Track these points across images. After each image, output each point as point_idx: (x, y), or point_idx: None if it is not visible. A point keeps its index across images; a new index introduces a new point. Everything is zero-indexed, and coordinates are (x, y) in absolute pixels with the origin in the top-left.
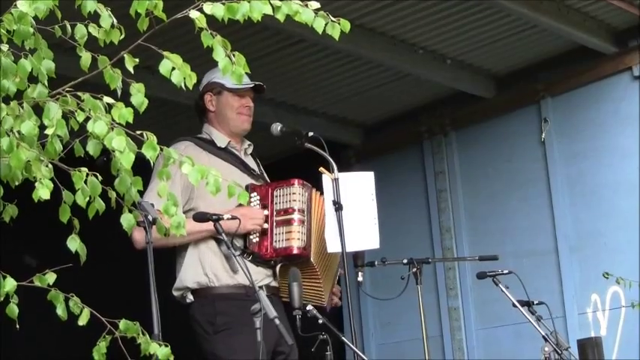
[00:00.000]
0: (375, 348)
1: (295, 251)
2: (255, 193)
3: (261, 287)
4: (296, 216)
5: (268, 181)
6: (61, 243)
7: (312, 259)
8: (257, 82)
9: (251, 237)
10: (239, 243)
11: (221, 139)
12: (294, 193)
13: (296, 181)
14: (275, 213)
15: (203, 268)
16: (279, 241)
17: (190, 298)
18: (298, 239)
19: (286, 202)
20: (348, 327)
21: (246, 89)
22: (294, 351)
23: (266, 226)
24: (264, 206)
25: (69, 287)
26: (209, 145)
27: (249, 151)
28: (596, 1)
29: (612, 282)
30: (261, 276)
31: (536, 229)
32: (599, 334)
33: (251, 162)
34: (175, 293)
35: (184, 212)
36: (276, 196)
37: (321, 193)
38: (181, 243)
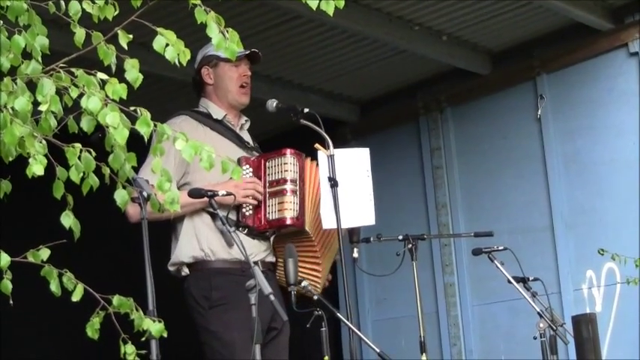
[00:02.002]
0: (371, 324)
1: (288, 222)
2: (247, 166)
3: (256, 262)
4: (288, 186)
5: None
6: (55, 219)
7: (306, 227)
8: (252, 50)
9: (244, 210)
10: (233, 216)
11: (217, 112)
12: (286, 163)
13: (288, 151)
14: (268, 184)
15: (199, 243)
16: (272, 212)
17: (186, 271)
18: (291, 209)
19: (278, 172)
20: (344, 303)
21: (241, 57)
22: (286, 327)
23: (260, 189)
24: (257, 178)
25: (63, 263)
26: (205, 118)
27: (246, 127)
28: None
29: (607, 258)
30: (256, 250)
31: (532, 206)
32: (595, 311)
33: (246, 137)
34: (171, 268)
35: (179, 187)
36: (269, 167)
37: (317, 164)
38: (175, 215)
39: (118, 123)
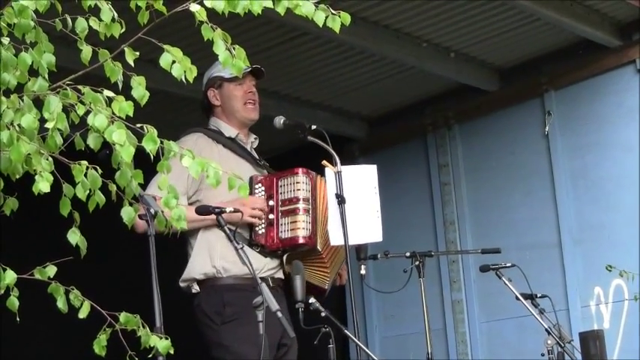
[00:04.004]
0: (379, 341)
1: (301, 241)
2: (259, 184)
3: (266, 279)
4: (301, 205)
5: None
6: (62, 236)
7: (318, 247)
8: (255, 66)
9: (257, 229)
10: (246, 234)
11: (229, 131)
12: (299, 182)
13: (300, 170)
14: (280, 203)
15: (212, 260)
16: (284, 231)
17: (196, 288)
18: (303, 228)
19: (291, 191)
20: (351, 320)
21: (246, 76)
22: (294, 344)
23: (271, 216)
24: (269, 197)
25: (69, 280)
26: (218, 136)
27: (255, 145)
28: None
29: (615, 275)
30: (267, 267)
31: (540, 222)
32: (602, 327)
33: (255, 155)
34: (182, 284)
35: (191, 203)
36: (281, 186)
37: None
38: (185, 231)
39: (124, 140)
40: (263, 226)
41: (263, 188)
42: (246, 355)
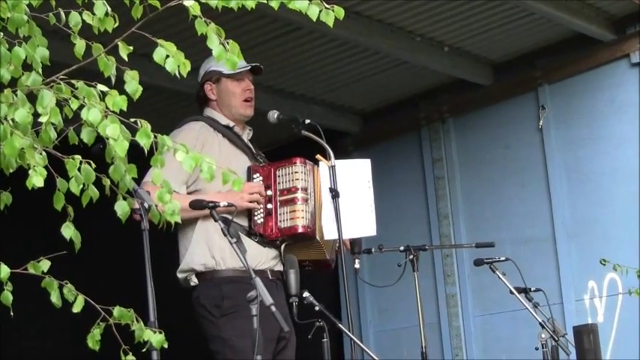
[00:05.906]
0: (373, 335)
1: (300, 230)
2: (257, 174)
3: (264, 271)
4: (299, 195)
5: None
6: (56, 230)
7: (317, 236)
8: (254, 64)
9: (255, 218)
10: (245, 224)
11: (224, 121)
12: (297, 172)
13: (298, 160)
14: (278, 193)
15: (210, 251)
16: (283, 220)
17: (195, 281)
18: (302, 218)
19: (289, 181)
20: (345, 314)
21: (244, 72)
22: (293, 337)
23: (269, 206)
24: (267, 186)
25: (63, 275)
26: (218, 125)
27: (250, 136)
28: None
29: (609, 269)
30: (265, 259)
31: (534, 216)
32: (596, 321)
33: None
34: (180, 275)
35: (191, 192)
36: (279, 176)
37: None
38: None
39: (118, 135)
40: (262, 215)
41: (261, 178)
42: (243, 349)
